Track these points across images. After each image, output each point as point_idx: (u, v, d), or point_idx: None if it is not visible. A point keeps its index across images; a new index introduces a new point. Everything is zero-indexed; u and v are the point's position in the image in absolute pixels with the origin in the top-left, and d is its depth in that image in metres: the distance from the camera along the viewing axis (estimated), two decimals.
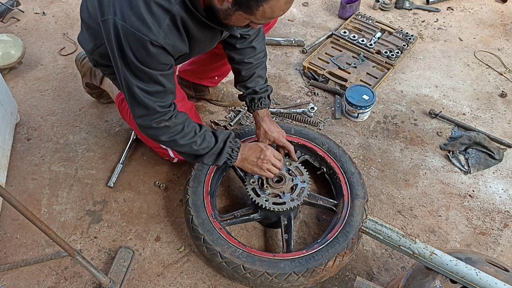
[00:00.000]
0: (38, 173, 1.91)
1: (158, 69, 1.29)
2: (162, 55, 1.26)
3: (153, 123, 1.37)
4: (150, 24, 1.18)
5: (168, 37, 1.23)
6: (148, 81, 1.30)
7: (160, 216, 1.78)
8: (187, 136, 1.43)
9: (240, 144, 1.55)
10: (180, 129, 1.41)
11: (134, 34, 1.19)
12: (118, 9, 1.20)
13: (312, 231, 1.76)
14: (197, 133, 1.44)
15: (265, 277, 1.44)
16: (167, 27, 1.22)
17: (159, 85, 1.32)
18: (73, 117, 2.15)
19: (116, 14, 1.20)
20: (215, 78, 2.07)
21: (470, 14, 2.84)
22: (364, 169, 1.96)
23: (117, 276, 1.57)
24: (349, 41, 2.52)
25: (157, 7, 1.19)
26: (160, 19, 1.20)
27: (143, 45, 1.21)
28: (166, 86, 1.33)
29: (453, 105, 2.26)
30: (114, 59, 1.30)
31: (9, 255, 1.65)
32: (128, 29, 1.19)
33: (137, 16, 1.18)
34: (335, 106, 2.22)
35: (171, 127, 1.39)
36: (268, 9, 1.14)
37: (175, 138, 1.41)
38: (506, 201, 1.86)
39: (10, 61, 2.28)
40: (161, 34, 1.21)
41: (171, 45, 1.26)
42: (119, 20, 1.20)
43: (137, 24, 1.18)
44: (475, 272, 1.07)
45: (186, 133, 1.42)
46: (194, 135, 1.43)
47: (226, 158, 1.51)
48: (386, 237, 1.15)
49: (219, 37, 1.51)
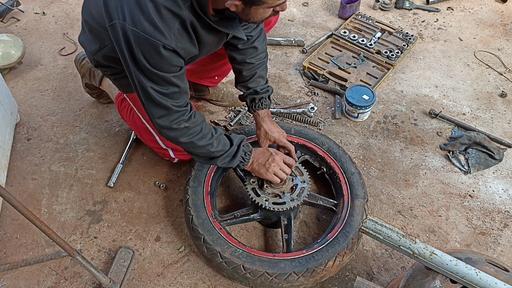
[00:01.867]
0: (38, 173, 1.91)
1: (171, 71, 1.30)
2: (174, 58, 1.28)
3: (173, 124, 1.38)
4: (162, 28, 1.20)
5: (179, 41, 1.25)
6: (162, 83, 1.31)
7: (160, 216, 1.78)
8: (205, 138, 1.43)
9: (251, 148, 1.56)
10: (198, 130, 1.42)
11: (146, 39, 1.20)
12: (127, 14, 1.20)
13: (312, 231, 1.76)
14: (214, 135, 1.45)
15: (265, 277, 1.44)
16: (177, 31, 1.23)
17: (174, 86, 1.33)
18: (73, 117, 2.15)
19: (126, 19, 1.20)
20: (215, 78, 2.07)
21: (470, 14, 2.84)
22: (364, 169, 1.96)
23: (117, 276, 1.57)
24: (349, 41, 2.52)
25: (167, 12, 1.20)
26: (170, 24, 1.21)
27: (156, 49, 1.22)
28: (180, 87, 1.35)
29: (453, 105, 2.26)
30: (125, 63, 1.30)
31: (9, 255, 1.65)
32: (140, 34, 1.20)
33: (149, 21, 1.19)
34: (335, 106, 2.22)
35: (190, 128, 1.40)
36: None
37: (193, 140, 1.42)
38: (506, 201, 1.86)
39: (10, 61, 2.28)
40: (173, 38, 1.23)
41: (182, 48, 1.28)
42: (129, 26, 1.20)
43: (149, 29, 1.19)
44: (475, 272, 1.07)
45: (204, 134, 1.43)
46: (211, 137, 1.45)
47: (239, 161, 1.52)
48: (386, 237, 1.15)
49: (225, 39, 1.52)
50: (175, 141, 1.45)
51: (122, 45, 1.25)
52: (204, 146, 1.44)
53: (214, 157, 1.49)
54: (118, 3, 1.22)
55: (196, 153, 1.49)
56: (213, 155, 1.48)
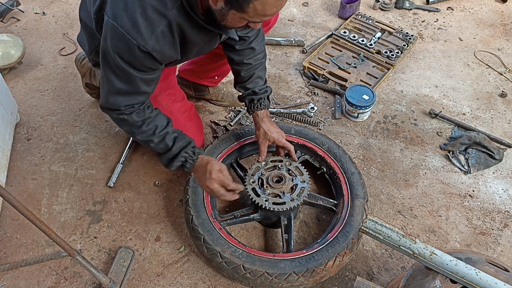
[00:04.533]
0: (38, 173, 1.91)
1: (141, 70, 1.30)
2: (148, 59, 1.27)
3: (113, 114, 1.42)
4: (142, 28, 1.19)
5: (159, 44, 1.24)
6: (124, 80, 1.31)
7: (160, 216, 1.78)
8: (145, 134, 1.45)
9: (198, 158, 1.50)
10: (138, 125, 1.44)
11: (123, 36, 1.20)
12: (111, 8, 1.21)
13: (312, 231, 1.76)
14: (156, 133, 1.45)
15: (265, 277, 1.44)
16: (160, 33, 1.22)
17: (135, 86, 1.33)
18: (73, 117, 2.15)
19: (107, 12, 1.22)
20: (215, 77, 2.07)
21: (470, 14, 2.84)
22: (364, 169, 1.96)
23: (117, 276, 1.57)
24: (349, 41, 2.52)
25: (153, 12, 1.19)
26: (154, 25, 1.20)
27: (129, 48, 1.22)
28: (140, 89, 1.35)
29: (453, 105, 2.26)
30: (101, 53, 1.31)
31: (9, 255, 1.66)
32: (118, 29, 1.20)
33: (130, 19, 1.19)
34: (335, 106, 2.22)
35: (128, 121, 1.42)
36: (258, 6, 1.13)
37: (133, 131, 1.46)
38: (506, 201, 1.86)
39: (10, 61, 2.28)
40: (152, 40, 1.21)
41: (159, 52, 1.26)
42: (110, 19, 1.21)
43: (128, 27, 1.19)
44: (475, 272, 1.07)
45: (144, 130, 1.44)
46: (152, 134, 1.45)
47: (179, 165, 1.51)
48: (386, 237, 1.15)
49: (218, 39, 1.51)
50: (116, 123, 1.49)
51: (101, 34, 1.27)
52: (143, 140, 1.47)
53: (158, 153, 1.52)
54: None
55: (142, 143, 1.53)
56: (156, 151, 1.51)
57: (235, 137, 1.83)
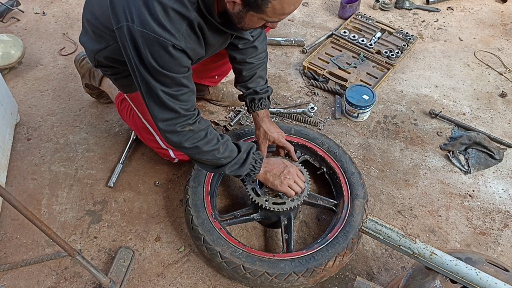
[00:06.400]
0: (38, 173, 1.91)
1: (180, 72, 1.29)
2: (183, 58, 1.27)
3: (177, 127, 1.35)
4: (170, 29, 1.19)
5: (188, 42, 1.25)
6: (172, 85, 1.30)
7: (160, 216, 1.78)
8: (211, 143, 1.40)
9: (263, 157, 1.53)
10: (203, 135, 1.39)
11: (156, 40, 1.19)
12: (135, 15, 1.20)
13: (312, 231, 1.76)
14: (220, 141, 1.42)
15: (265, 277, 1.44)
16: (185, 32, 1.23)
17: (183, 86, 1.32)
18: (73, 117, 2.15)
19: (134, 20, 1.20)
20: (215, 77, 2.07)
21: (470, 14, 2.84)
22: (364, 169, 1.96)
23: (117, 276, 1.57)
24: (349, 41, 2.52)
25: (175, 13, 1.19)
26: (178, 25, 1.21)
27: (165, 49, 1.21)
28: (189, 87, 1.34)
29: (453, 105, 2.26)
30: (132, 66, 1.29)
31: (9, 255, 1.66)
32: (149, 35, 1.19)
33: (157, 22, 1.18)
34: (335, 106, 2.22)
35: (195, 131, 1.37)
36: (277, 5, 1.13)
37: (198, 144, 1.38)
38: (506, 201, 1.86)
39: (10, 61, 2.28)
40: (182, 39, 1.22)
41: (191, 49, 1.27)
42: (137, 27, 1.19)
43: (158, 30, 1.18)
44: (475, 272, 1.07)
45: (209, 139, 1.40)
46: (217, 142, 1.41)
47: (249, 169, 1.48)
48: (386, 237, 1.15)
49: (229, 40, 1.52)
50: (179, 147, 1.41)
51: (128, 48, 1.24)
52: (210, 151, 1.40)
53: (221, 165, 1.45)
54: (126, 5, 1.21)
55: (202, 160, 1.45)
56: (220, 162, 1.44)
57: (235, 137, 1.84)
